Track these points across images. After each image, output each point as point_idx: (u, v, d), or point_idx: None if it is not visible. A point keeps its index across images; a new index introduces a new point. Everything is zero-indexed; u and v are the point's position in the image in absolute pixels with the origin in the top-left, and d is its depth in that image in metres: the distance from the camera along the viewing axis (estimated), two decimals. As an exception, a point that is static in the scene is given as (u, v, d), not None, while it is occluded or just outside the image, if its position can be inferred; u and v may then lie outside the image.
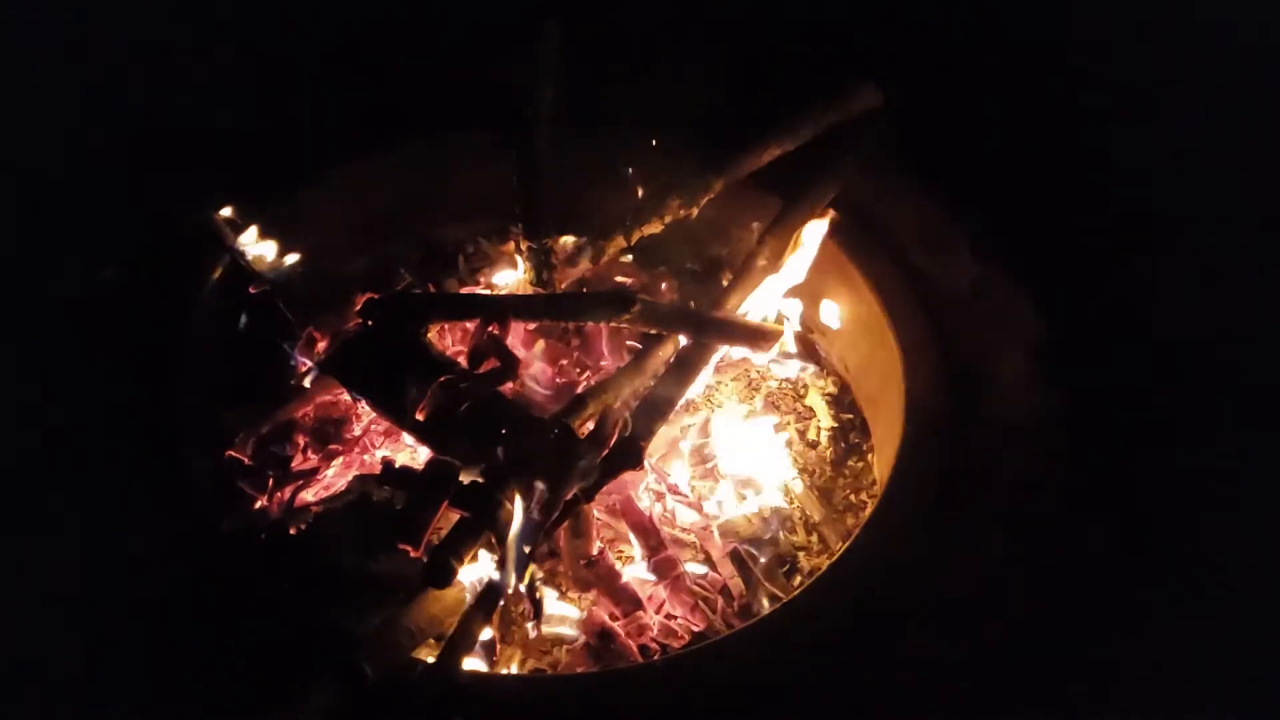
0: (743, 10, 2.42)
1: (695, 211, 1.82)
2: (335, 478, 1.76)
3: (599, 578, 1.61)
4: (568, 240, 1.85)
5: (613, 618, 1.57)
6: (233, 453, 1.71)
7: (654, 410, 1.57)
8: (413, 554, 1.33)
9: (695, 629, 1.57)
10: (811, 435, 1.92)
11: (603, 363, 1.93)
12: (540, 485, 1.39)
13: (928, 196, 1.97)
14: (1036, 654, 1.40)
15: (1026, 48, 2.36)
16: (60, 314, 1.74)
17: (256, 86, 2.19)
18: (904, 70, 2.10)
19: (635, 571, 1.63)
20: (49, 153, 2.05)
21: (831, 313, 1.93)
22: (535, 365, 1.87)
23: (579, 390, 1.73)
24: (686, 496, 1.77)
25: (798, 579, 1.67)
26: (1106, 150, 2.17)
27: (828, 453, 1.88)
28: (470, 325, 1.66)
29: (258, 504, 1.68)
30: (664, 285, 2.12)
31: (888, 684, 1.35)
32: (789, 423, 1.93)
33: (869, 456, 1.87)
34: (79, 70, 2.24)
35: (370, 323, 1.62)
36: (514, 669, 1.51)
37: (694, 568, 1.66)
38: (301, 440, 1.78)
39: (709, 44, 2.32)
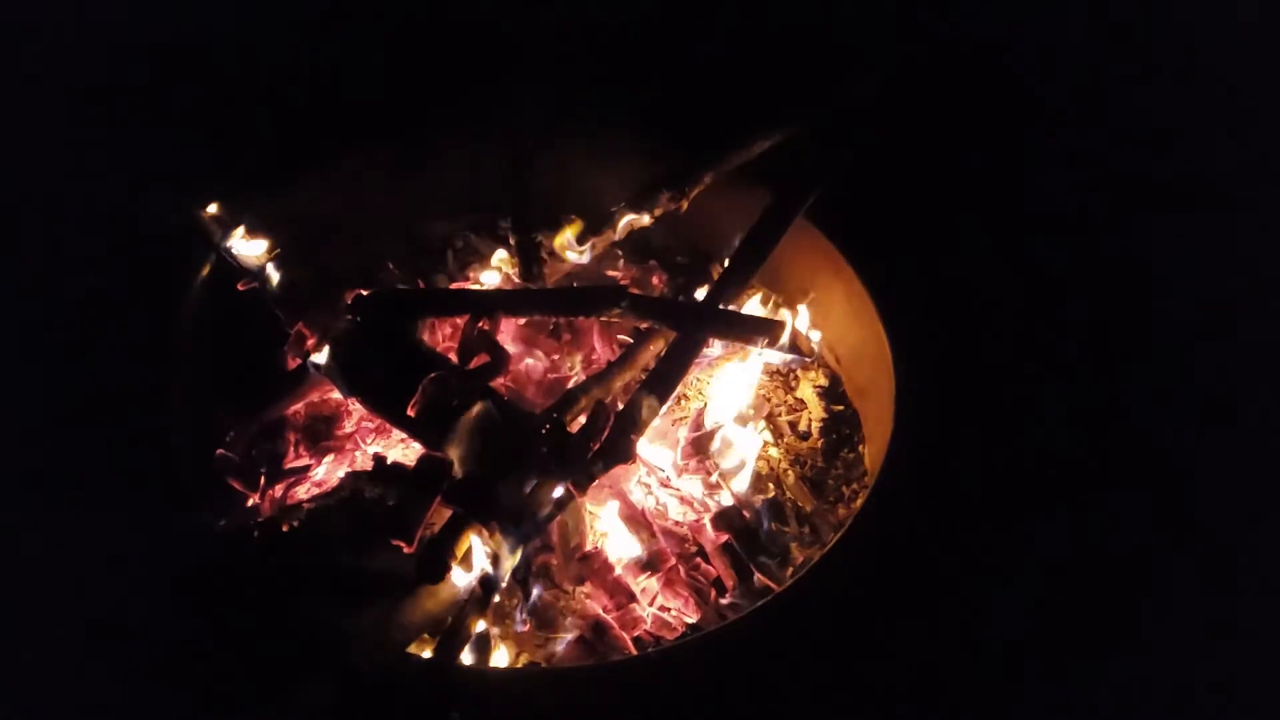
0: (735, 4, 2.42)
1: (685, 204, 1.82)
2: (327, 475, 1.75)
3: (593, 571, 1.61)
4: (560, 234, 1.84)
5: (606, 610, 1.57)
6: (225, 451, 1.70)
7: (645, 404, 1.57)
8: (406, 550, 1.33)
9: (689, 621, 1.58)
10: (803, 427, 1.93)
11: (594, 357, 1.93)
12: (532, 481, 1.39)
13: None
14: (1031, 647, 1.41)
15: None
16: (53, 314, 1.73)
17: (246, 85, 2.18)
18: (893, 65, 2.11)
19: (628, 564, 1.64)
20: (43, 152, 2.03)
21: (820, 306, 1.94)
22: (526, 360, 1.86)
23: (570, 385, 1.74)
24: (679, 489, 1.77)
25: (790, 570, 1.67)
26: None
27: (819, 444, 1.89)
28: (460, 321, 1.66)
29: (250, 502, 1.68)
30: (655, 279, 2.12)
31: (881, 675, 1.36)
32: (780, 414, 1.94)
33: (860, 448, 1.88)
34: (72, 69, 2.23)
35: (359, 319, 1.62)
36: (508, 662, 1.51)
37: (687, 557, 1.66)
38: (293, 437, 1.77)
39: (700, 38, 2.32)
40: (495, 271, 2.00)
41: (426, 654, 1.36)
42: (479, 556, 1.37)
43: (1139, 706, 1.38)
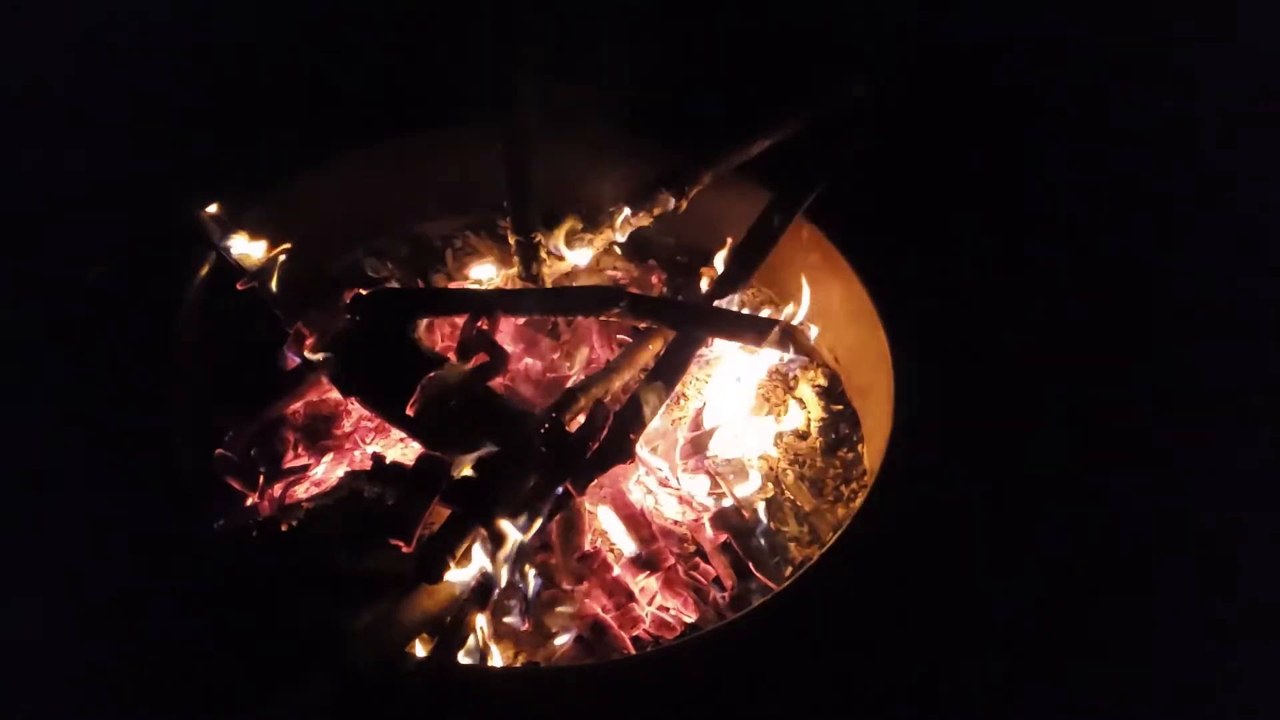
0: (734, 4, 2.42)
1: (685, 204, 1.82)
2: (326, 474, 1.75)
3: (592, 570, 1.61)
4: (559, 232, 1.84)
5: (605, 610, 1.57)
6: (224, 450, 1.70)
7: (644, 403, 1.57)
8: (404, 549, 1.33)
9: (688, 620, 1.58)
10: (802, 426, 1.92)
11: (593, 356, 1.93)
12: (531, 480, 1.39)
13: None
14: (1031, 647, 1.41)
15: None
16: (53, 314, 1.73)
17: (246, 85, 2.18)
18: (892, 65, 2.11)
19: (627, 563, 1.64)
20: (43, 152, 2.03)
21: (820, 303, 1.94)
22: (525, 360, 1.86)
23: (569, 384, 1.74)
24: (678, 489, 1.77)
25: (789, 570, 1.67)
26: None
27: (818, 444, 1.89)
28: (459, 320, 1.66)
29: (249, 501, 1.68)
30: (654, 278, 2.12)
31: (879, 675, 1.36)
32: (780, 414, 1.94)
33: (859, 447, 1.88)
34: (72, 69, 2.23)
35: (359, 319, 1.62)
36: (507, 662, 1.51)
37: (686, 557, 1.66)
38: (292, 437, 1.77)
39: (698, 37, 2.32)
40: (488, 266, 2.00)
41: (425, 653, 1.36)
42: (478, 556, 1.37)
43: (1139, 707, 1.38)
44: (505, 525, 1.36)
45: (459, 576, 1.39)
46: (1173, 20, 2.39)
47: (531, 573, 1.58)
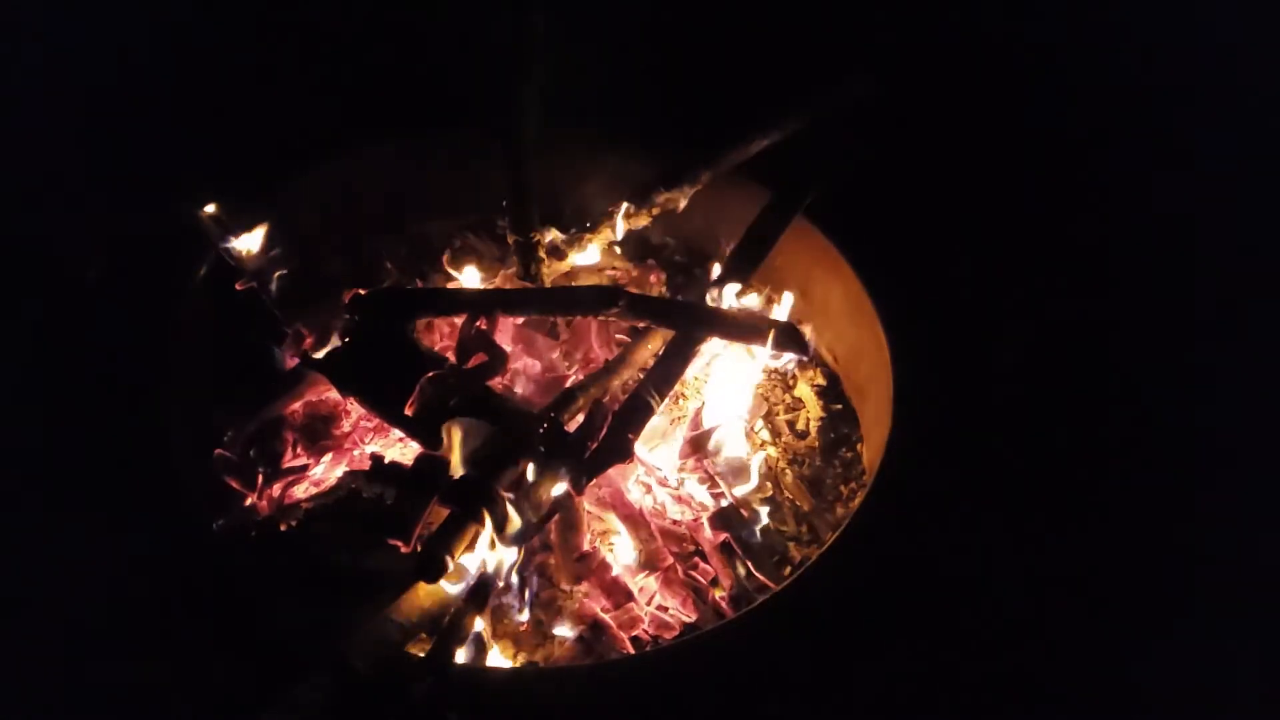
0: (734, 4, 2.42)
1: (684, 203, 1.83)
2: (325, 474, 1.76)
3: (591, 570, 1.61)
4: (555, 233, 1.85)
5: (604, 610, 1.57)
6: (223, 450, 1.70)
7: (643, 403, 1.57)
8: (403, 549, 1.33)
9: (687, 620, 1.58)
10: (801, 426, 1.93)
11: (591, 356, 1.93)
12: (530, 479, 1.39)
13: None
14: (1028, 645, 1.41)
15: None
16: (52, 314, 1.73)
17: (240, 83, 2.18)
18: (892, 65, 2.11)
19: (626, 564, 1.64)
20: (43, 152, 2.03)
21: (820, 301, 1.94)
22: (524, 359, 1.86)
23: (568, 384, 1.74)
24: (676, 489, 1.77)
25: (788, 569, 1.67)
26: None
27: (817, 443, 1.89)
28: (457, 320, 1.66)
29: (248, 501, 1.68)
30: (653, 278, 2.12)
31: (878, 675, 1.36)
32: (778, 413, 1.94)
33: (858, 447, 1.88)
34: (71, 68, 2.23)
35: (358, 318, 1.62)
36: (506, 662, 1.52)
37: (685, 557, 1.66)
38: (291, 437, 1.77)
39: (697, 36, 2.32)
40: (485, 267, 2.00)
41: (424, 653, 1.36)
42: (477, 555, 1.37)
43: (1139, 707, 1.39)
44: (508, 507, 1.36)
45: (458, 576, 1.39)
46: (1173, 19, 2.39)
47: (531, 573, 1.58)
